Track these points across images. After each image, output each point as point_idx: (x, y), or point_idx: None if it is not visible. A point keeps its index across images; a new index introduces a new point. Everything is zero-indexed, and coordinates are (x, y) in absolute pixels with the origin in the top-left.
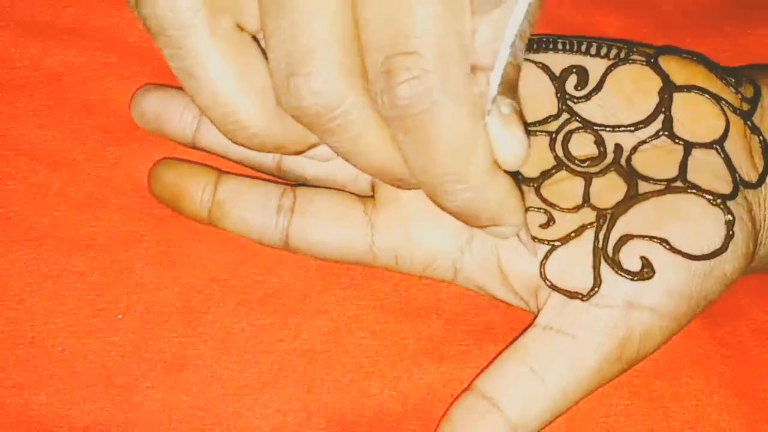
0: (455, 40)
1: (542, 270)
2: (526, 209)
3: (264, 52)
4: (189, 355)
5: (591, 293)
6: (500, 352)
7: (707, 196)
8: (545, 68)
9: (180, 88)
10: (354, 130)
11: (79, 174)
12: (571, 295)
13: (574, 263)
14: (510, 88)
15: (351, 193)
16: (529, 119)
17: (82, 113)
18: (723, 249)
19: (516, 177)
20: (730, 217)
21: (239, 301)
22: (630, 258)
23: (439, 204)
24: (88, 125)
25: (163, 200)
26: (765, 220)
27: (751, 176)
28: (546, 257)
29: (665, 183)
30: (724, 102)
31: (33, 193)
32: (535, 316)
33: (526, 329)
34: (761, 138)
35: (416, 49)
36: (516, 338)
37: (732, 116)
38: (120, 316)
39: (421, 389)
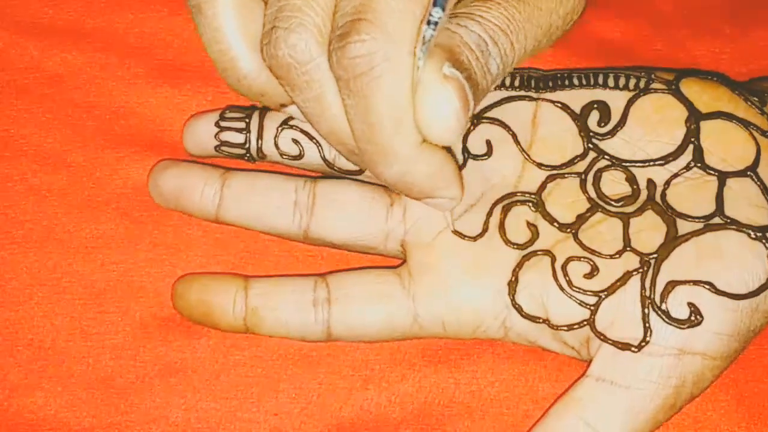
0: (409, 21)
1: (592, 322)
2: (568, 259)
3: None
4: (187, 358)
5: (642, 344)
6: (553, 403)
7: (747, 231)
8: (565, 107)
9: (196, 162)
10: (317, 90)
11: (79, 176)
12: (623, 346)
13: (622, 312)
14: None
15: (381, 255)
16: (556, 161)
17: (83, 115)
18: None
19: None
20: None
21: None
22: (677, 304)
23: (375, 175)
24: (89, 127)
25: (192, 318)
26: None
27: None
28: (595, 310)
29: (703, 220)
30: (752, 126)
31: (33, 195)
32: (588, 365)
33: (578, 379)
34: None
35: (372, 19)
36: (569, 388)
37: (762, 139)
38: (119, 319)
39: (419, 394)
